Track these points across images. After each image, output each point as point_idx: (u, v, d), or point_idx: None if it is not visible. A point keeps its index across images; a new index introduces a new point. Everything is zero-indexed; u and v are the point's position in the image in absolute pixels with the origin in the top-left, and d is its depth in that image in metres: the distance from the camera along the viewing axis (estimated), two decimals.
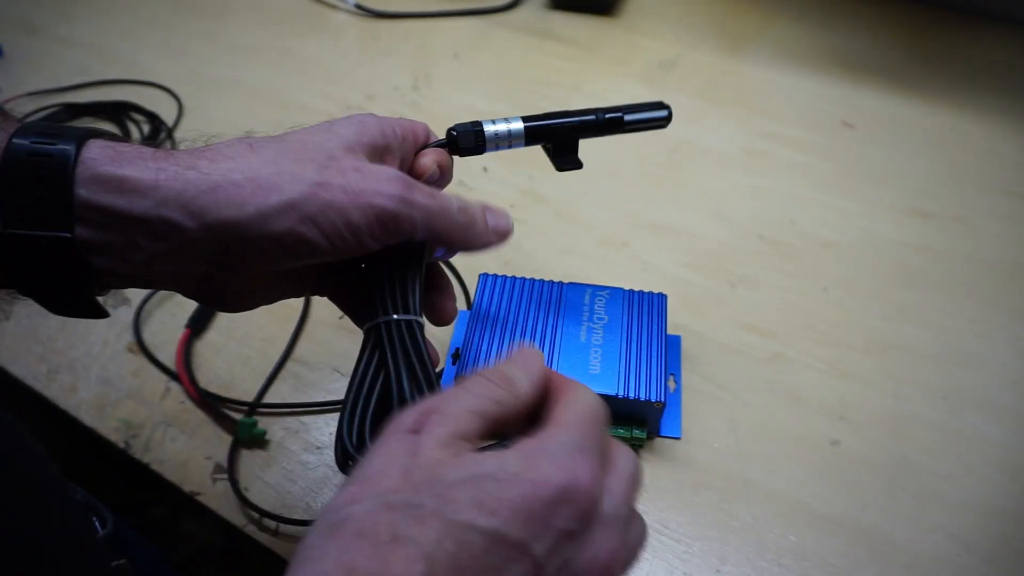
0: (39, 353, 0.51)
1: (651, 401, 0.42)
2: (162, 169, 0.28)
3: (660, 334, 0.45)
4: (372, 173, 0.30)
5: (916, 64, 0.78)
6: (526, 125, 0.39)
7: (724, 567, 0.40)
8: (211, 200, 0.27)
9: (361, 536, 0.22)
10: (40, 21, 0.86)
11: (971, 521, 0.42)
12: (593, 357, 0.44)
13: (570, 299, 0.47)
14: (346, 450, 0.30)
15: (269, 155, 0.29)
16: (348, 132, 0.32)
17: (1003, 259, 0.57)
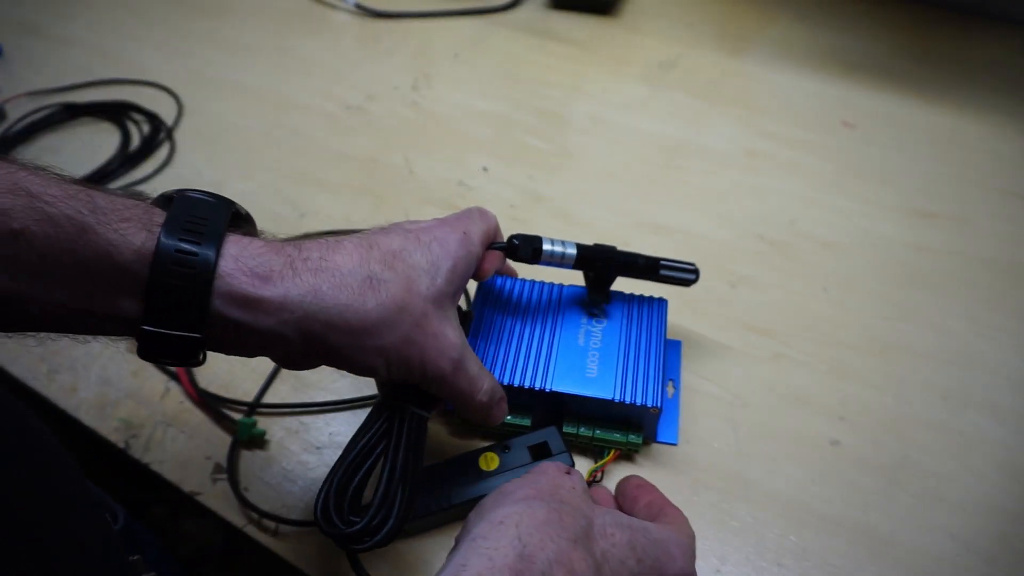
0: (39, 353, 0.51)
1: (647, 406, 0.41)
2: (289, 294, 0.31)
3: (659, 339, 0.45)
4: (443, 343, 0.35)
5: (916, 64, 0.78)
6: (579, 253, 0.43)
7: (724, 567, 0.40)
8: (323, 330, 0.31)
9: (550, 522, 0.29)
10: (40, 21, 0.86)
11: (971, 521, 0.42)
12: (590, 361, 0.43)
13: (569, 302, 0.47)
14: (332, 524, 0.34)
15: (383, 297, 0.32)
16: (444, 280, 0.35)
17: (1003, 259, 0.57)
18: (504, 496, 0.32)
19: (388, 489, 0.34)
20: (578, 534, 0.29)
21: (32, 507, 0.30)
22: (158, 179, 0.66)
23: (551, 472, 0.34)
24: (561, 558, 0.28)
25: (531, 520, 0.28)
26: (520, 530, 0.28)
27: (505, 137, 0.69)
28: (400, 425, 0.36)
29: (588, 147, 0.69)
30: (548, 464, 0.35)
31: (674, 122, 0.71)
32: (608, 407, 0.42)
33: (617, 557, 0.30)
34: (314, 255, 0.32)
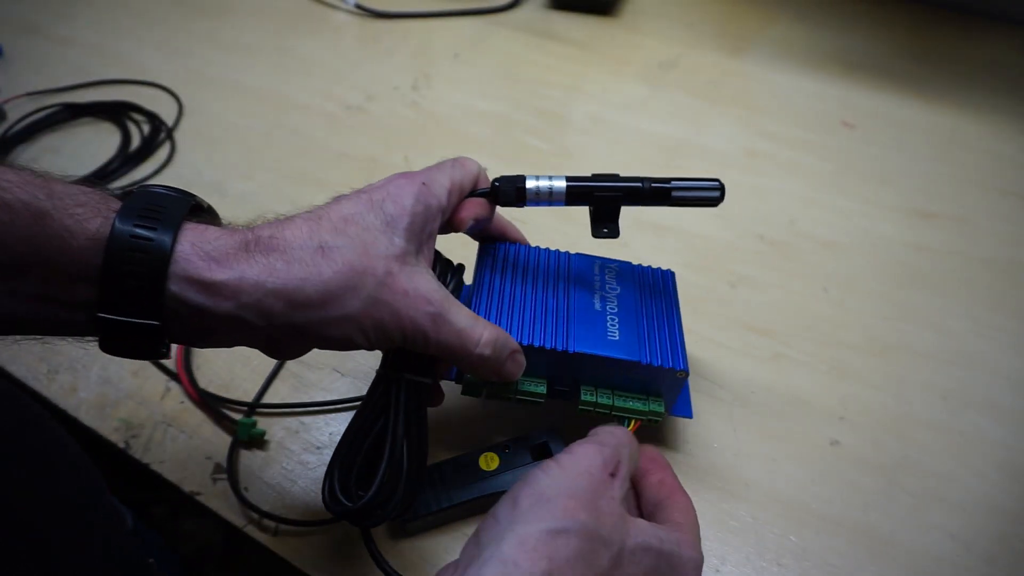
0: (39, 353, 0.51)
1: (676, 370, 0.39)
2: (245, 276, 0.30)
3: (675, 307, 0.43)
4: (416, 299, 0.33)
5: (916, 64, 0.78)
6: (568, 185, 0.39)
7: (724, 567, 0.40)
8: (285, 309, 0.31)
9: (581, 557, 0.28)
10: (40, 21, 0.86)
11: (971, 521, 0.42)
12: (611, 324, 0.41)
13: (578, 269, 0.44)
14: (340, 504, 0.34)
15: (339, 264, 0.32)
16: (403, 238, 0.34)
17: (1003, 259, 0.57)
18: (541, 504, 0.30)
19: (392, 460, 0.34)
20: (608, 565, 0.29)
21: (45, 508, 0.31)
22: (158, 179, 0.66)
23: (596, 473, 0.32)
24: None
25: (564, 554, 0.28)
26: (552, 565, 0.27)
27: (505, 137, 0.69)
28: (398, 394, 0.35)
29: (588, 147, 0.69)
30: (595, 456, 0.32)
31: (674, 122, 0.71)
32: (632, 371, 0.39)
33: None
34: (265, 234, 0.32)
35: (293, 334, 0.32)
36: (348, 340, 0.33)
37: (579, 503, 0.30)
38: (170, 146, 0.69)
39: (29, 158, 0.69)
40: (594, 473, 0.32)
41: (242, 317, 0.31)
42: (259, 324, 0.31)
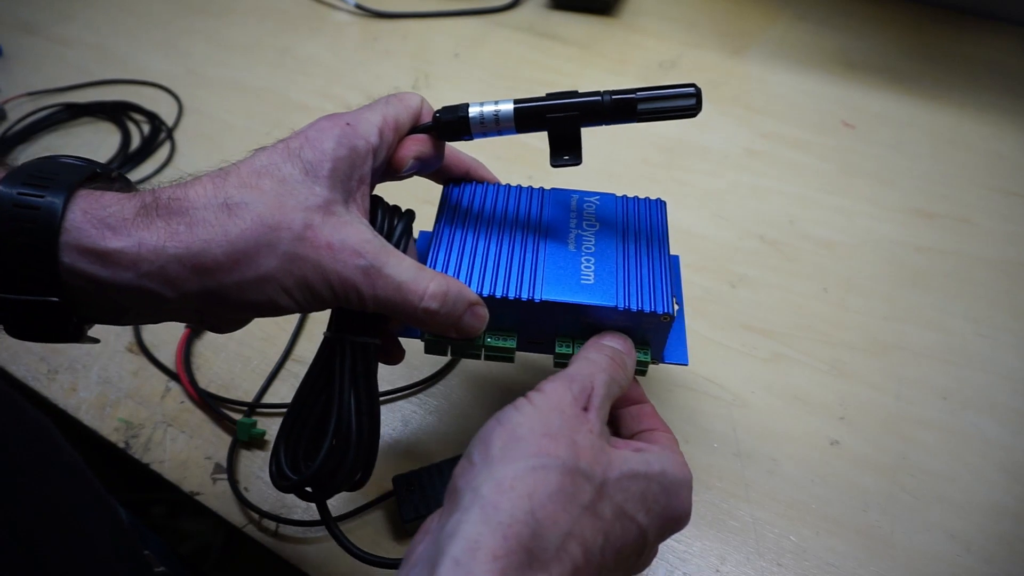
0: (39, 353, 0.51)
1: (657, 313, 0.35)
2: (143, 242, 0.28)
3: (662, 243, 0.38)
4: (342, 252, 0.30)
5: (917, 64, 0.78)
6: (517, 107, 0.35)
7: (724, 567, 0.40)
8: (191, 274, 0.28)
9: (563, 492, 0.27)
10: (40, 21, 0.86)
11: (971, 521, 0.42)
12: (585, 266, 0.36)
13: (553, 206, 0.40)
14: (286, 478, 0.32)
15: (247, 222, 0.29)
16: (324, 186, 0.31)
17: (1004, 259, 0.57)
18: (515, 444, 0.28)
19: (339, 427, 0.32)
20: (591, 498, 0.27)
21: (35, 503, 0.30)
22: (158, 179, 0.66)
23: (567, 410, 0.30)
24: (574, 530, 0.26)
25: (544, 490, 0.26)
26: (533, 503, 0.26)
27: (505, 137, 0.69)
28: (342, 358, 0.33)
29: (588, 147, 0.69)
30: (564, 393, 0.30)
31: (674, 122, 0.71)
32: (610, 318, 0.35)
33: (628, 514, 0.29)
34: (165, 196, 0.29)
35: (213, 302, 0.29)
36: (273, 303, 0.30)
37: (554, 440, 0.28)
38: (170, 146, 0.69)
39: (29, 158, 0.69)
40: (565, 409, 0.30)
41: (147, 288, 0.28)
42: (169, 295, 0.28)
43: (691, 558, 0.40)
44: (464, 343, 0.36)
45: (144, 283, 0.28)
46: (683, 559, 0.40)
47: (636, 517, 0.29)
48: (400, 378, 0.48)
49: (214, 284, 0.29)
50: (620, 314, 0.35)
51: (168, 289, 0.28)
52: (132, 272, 0.28)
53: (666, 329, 0.36)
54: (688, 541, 0.41)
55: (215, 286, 0.29)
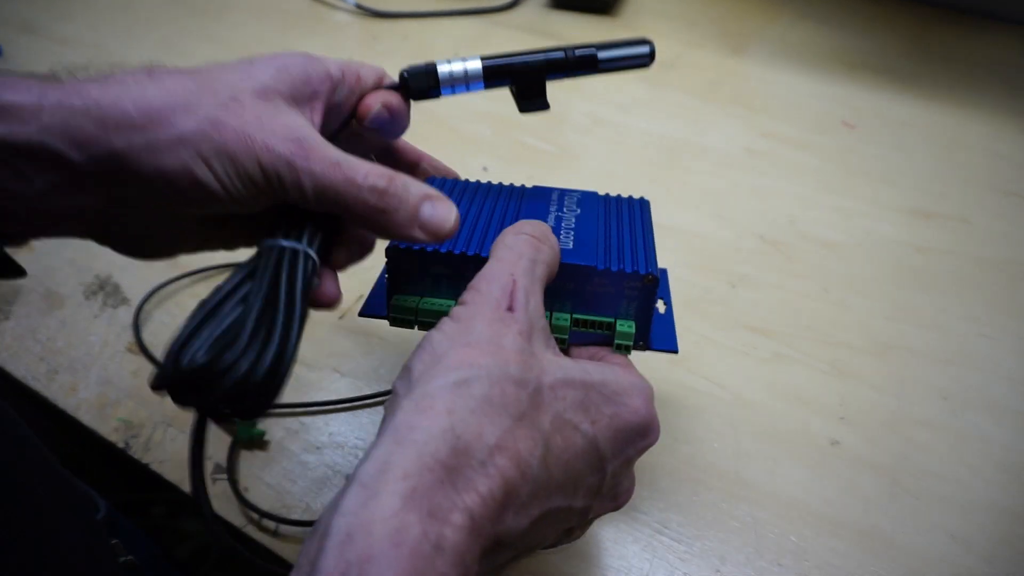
0: (38, 353, 0.51)
1: (640, 274, 0.33)
2: (46, 95, 0.26)
3: (644, 227, 0.37)
4: (272, 123, 0.28)
5: (917, 64, 0.78)
6: (484, 64, 0.36)
7: (724, 567, 0.40)
8: (98, 130, 0.26)
9: (490, 404, 0.24)
10: (39, 21, 0.86)
11: (971, 521, 0.42)
12: (564, 236, 0.35)
13: (534, 195, 0.39)
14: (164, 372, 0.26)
15: (168, 85, 0.27)
16: (266, 74, 0.29)
17: (1004, 259, 0.57)
18: (436, 363, 0.25)
19: (256, 329, 0.26)
20: (523, 407, 0.25)
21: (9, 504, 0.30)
22: None
23: (489, 314, 0.27)
24: (503, 442, 0.24)
25: (466, 404, 0.24)
26: (453, 418, 0.23)
27: (505, 137, 0.69)
28: (267, 263, 0.28)
29: (588, 147, 0.69)
30: (484, 298, 0.28)
31: (674, 122, 0.71)
32: (590, 282, 0.33)
33: (570, 422, 0.26)
34: (81, 77, 0.27)
35: (125, 176, 0.26)
36: (191, 176, 0.26)
37: (477, 349, 0.25)
38: None
39: None
40: (487, 314, 0.27)
41: (50, 147, 0.25)
42: (75, 157, 0.26)
43: (691, 558, 0.40)
44: (433, 313, 0.33)
45: (46, 140, 0.25)
46: (683, 559, 0.40)
47: (580, 426, 0.26)
48: None
49: (123, 144, 0.26)
50: (601, 275, 0.33)
51: (73, 150, 0.26)
52: (32, 126, 0.25)
53: (651, 295, 0.33)
54: (688, 541, 0.41)
55: (124, 147, 0.26)
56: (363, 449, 0.45)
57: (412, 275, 0.34)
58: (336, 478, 0.44)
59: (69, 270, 0.57)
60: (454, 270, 0.33)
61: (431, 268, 0.34)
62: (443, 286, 0.34)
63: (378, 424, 0.47)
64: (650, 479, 0.43)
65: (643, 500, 0.42)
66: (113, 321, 0.53)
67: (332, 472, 0.44)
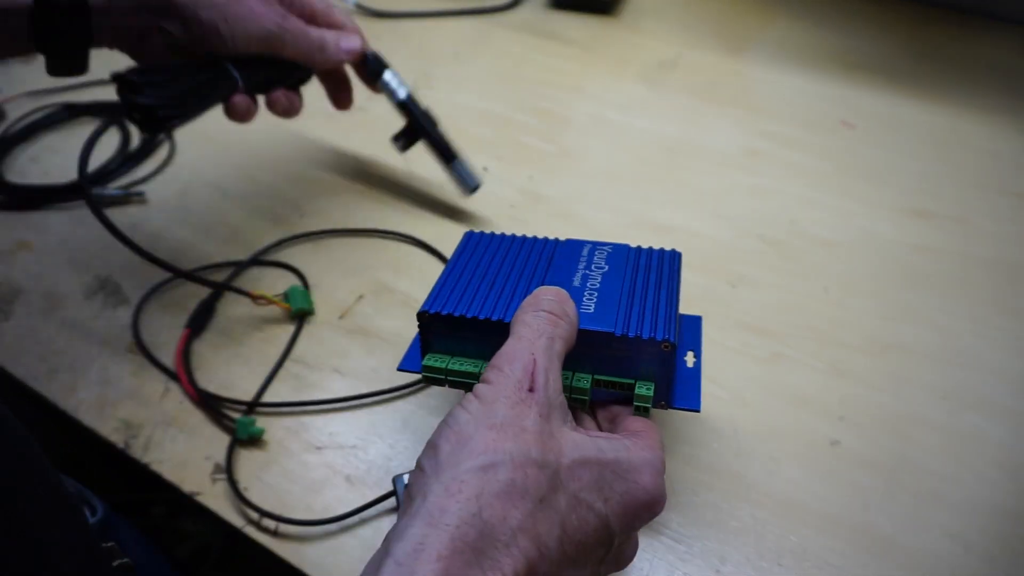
0: (38, 353, 0.51)
1: (656, 340, 0.33)
2: None
3: (671, 283, 0.38)
4: (265, 8, 0.49)
5: (916, 64, 0.78)
6: (405, 101, 0.58)
7: (724, 567, 0.40)
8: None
9: (513, 488, 0.26)
10: None
11: (971, 521, 0.42)
12: (587, 299, 0.36)
13: (565, 252, 0.41)
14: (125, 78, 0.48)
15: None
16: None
17: (1003, 259, 0.57)
18: (462, 445, 0.28)
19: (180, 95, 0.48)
20: (543, 490, 0.27)
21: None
22: (158, 179, 0.66)
23: (512, 395, 0.29)
24: (525, 525, 0.26)
25: (492, 488, 0.26)
26: (481, 503, 0.25)
27: (505, 137, 0.69)
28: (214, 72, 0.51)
29: (588, 147, 0.69)
30: (506, 376, 0.30)
31: (674, 122, 0.71)
32: (608, 347, 0.34)
33: (584, 502, 0.28)
34: None
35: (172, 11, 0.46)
36: (214, 26, 0.46)
37: (501, 433, 0.27)
38: (170, 146, 0.69)
39: (29, 157, 0.69)
40: (510, 395, 0.29)
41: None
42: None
43: (691, 558, 0.40)
44: (464, 375, 0.36)
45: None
46: (683, 559, 0.40)
47: (594, 505, 0.28)
48: (400, 378, 0.48)
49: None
50: (618, 341, 0.34)
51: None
52: None
53: (668, 361, 0.34)
54: (688, 541, 0.41)
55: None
56: (363, 449, 0.45)
57: (441, 336, 0.37)
58: (336, 478, 0.44)
59: (69, 270, 0.57)
60: (480, 333, 0.36)
61: (458, 332, 0.36)
62: (470, 346, 0.36)
63: (377, 424, 0.47)
64: None
65: None
66: (113, 321, 0.53)
67: (332, 472, 0.44)
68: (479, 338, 0.36)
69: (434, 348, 0.37)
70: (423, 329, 0.37)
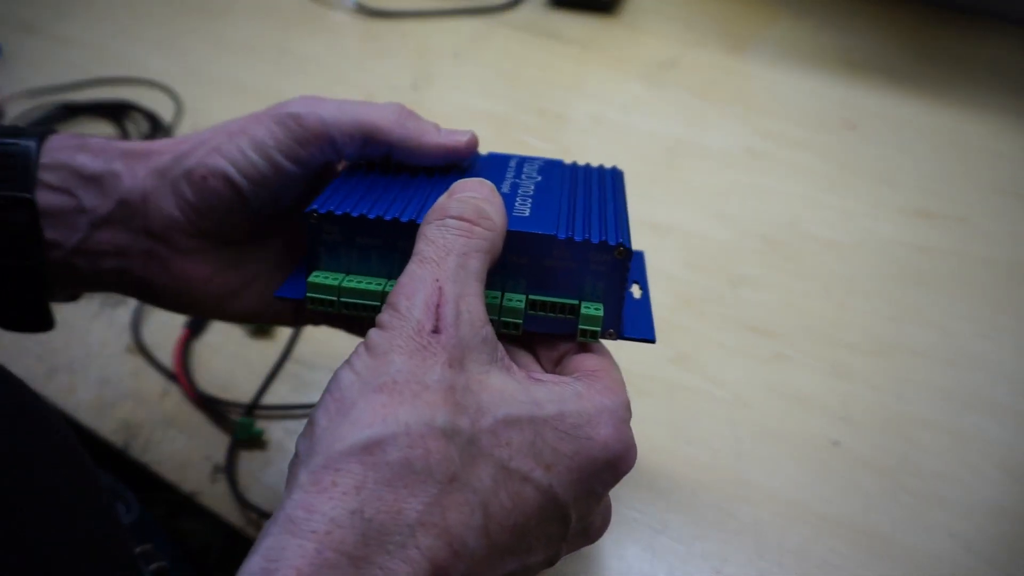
0: (37, 353, 0.51)
1: (609, 244, 0.27)
2: (112, 139, 0.33)
3: (617, 197, 0.32)
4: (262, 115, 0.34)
5: (918, 63, 0.78)
6: None
7: (724, 567, 0.40)
8: (146, 153, 0.32)
9: (409, 470, 0.20)
10: (39, 20, 0.86)
11: (971, 521, 0.41)
12: (520, 204, 0.30)
13: (487, 163, 0.34)
14: None
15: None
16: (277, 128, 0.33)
17: (1004, 259, 0.57)
18: (344, 416, 0.21)
19: None
20: (453, 466, 0.20)
21: (24, 499, 0.29)
22: None
23: (409, 342, 0.22)
24: (427, 518, 0.20)
25: (379, 475, 0.19)
26: (362, 497, 0.19)
27: (505, 137, 0.69)
28: None
29: (588, 147, 0.69)
30: (402, 315, 0.22)
31: (675, 121, 0.71)
32: (549, 253, 0.28)
33: (517, 472, 0.21)
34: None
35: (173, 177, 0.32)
36: (213, 170, 0.32)
37: (394, 395, 0.21)
38: None
39: None
40: (407, 342, 0.22)
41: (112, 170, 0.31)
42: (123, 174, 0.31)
43: (691, 559, 0.40)
44: (358, 293, 0.28)
45: (111, 166, 0.31)
46: (683, 560, 0.40)
47: (531, 475, 0.22)
48: None
49: (167, 160, 0.31)
50: (563, 246, 0.27)
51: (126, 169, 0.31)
52: (101, 159, 0.31)
53: (621, 273, 0.28)
54: (688, 542, 0.41)
55: (168, 162, 0.31)
56: None
57: (336, 247, 0.28)
58: None
59: None
60: (386, 241, 0.28)
61: (358, 238, 0.28)
62: (373, 262, 0.28)
63: None
64: (650, 479, 0.43)
65: (643, 501, 0.42)
66: (112, 321, 0.53)
67: None
68: (385, 247, 0.28)
69: (324, 266, 0.29)
70: (311, 237, 0.29)
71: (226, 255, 0.33)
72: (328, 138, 0.30)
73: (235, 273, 0.34)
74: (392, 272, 0.28)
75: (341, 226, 0.28)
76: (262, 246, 0.35)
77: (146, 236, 0.31)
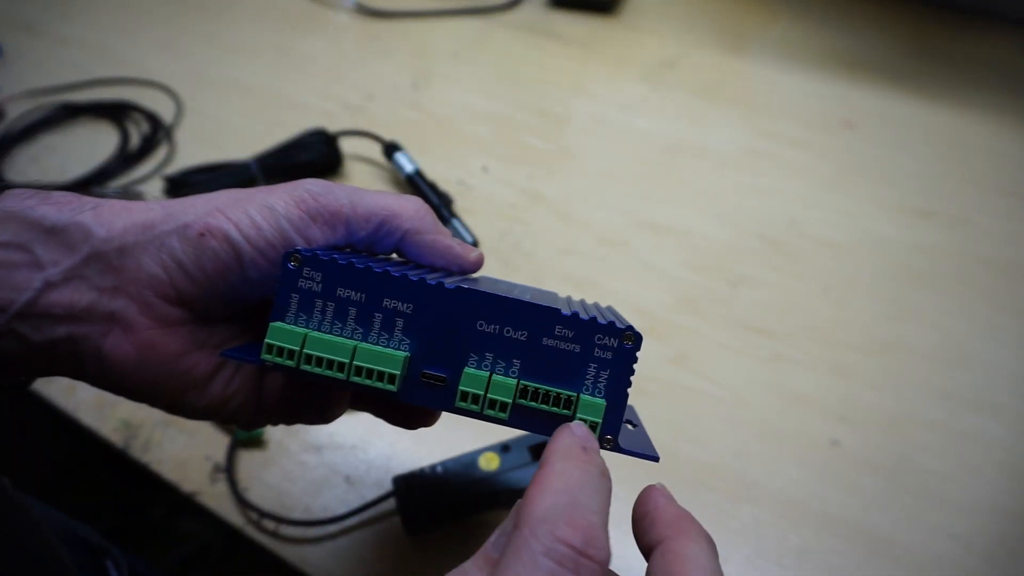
0: None
1: (617, 327, 0.24)
2: (80, 194, 0.28)
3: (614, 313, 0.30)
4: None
5: (917, 63, 0.78)
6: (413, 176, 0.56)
7: (725, 567, 0.39)
8: (126, 207, 0.27)
9: None
10: (39, 20, 0.86)
11: (971, 521, 0.41)
12: (521, 289, 0.29)
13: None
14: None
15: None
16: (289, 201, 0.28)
17: (1004, 259, 0.57)
18: None
19: None
20: None
21: None
22: (158, 179, 0.66)
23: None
24: None
25: None
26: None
27: (505, 137, 0.69)
28: None
29: (588, 147, 0.69)
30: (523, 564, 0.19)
31: (674, 122, 0.71)
32: (549, 330, 0.25)
33: None
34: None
35: (131, 256, 0.27)
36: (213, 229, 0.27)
37: None
38: (169, 146, 0.69)
39: (28, 157, 0.69)
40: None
41: (78, 222, 0.27)
42: (97, 232, 0.26)
43: None
44: (328, 347, 0.25)
45: (76, 218, 0.26)
46: None
47: None
48: None
49: (157, 214, 0.27)
50: (566, 324, 0.24)
51: (98, 226, 0.26)
52: (67, 211, 0.27)
53: (629, 363, 0.25)
54: None
55: (158, 216, 0.27)
56: (362, 449, 0.45)
57: (311, 299, 0.26)
58: (336, 478, 0.44)
59: None
60: (371, 296, 0.25)
61: (339, 290, 0.25)
62: (349, 322, 0.26)
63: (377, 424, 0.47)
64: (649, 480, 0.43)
65: None
66: None
67: (331, 472, 0.44)
68: (366, 312, 0.25)
69: (291, 320, 0.26)
70: (285, 283, 0.26)
71: (199, 334, 0.29)
72: (343, 218, 0.28)
73: (203, 356, 0.29)
74: (366, 335, 0.25)
75: (326, 272, 0.25)
76: (239, 333, 0.30)
77: (113, 295, 0.27)
